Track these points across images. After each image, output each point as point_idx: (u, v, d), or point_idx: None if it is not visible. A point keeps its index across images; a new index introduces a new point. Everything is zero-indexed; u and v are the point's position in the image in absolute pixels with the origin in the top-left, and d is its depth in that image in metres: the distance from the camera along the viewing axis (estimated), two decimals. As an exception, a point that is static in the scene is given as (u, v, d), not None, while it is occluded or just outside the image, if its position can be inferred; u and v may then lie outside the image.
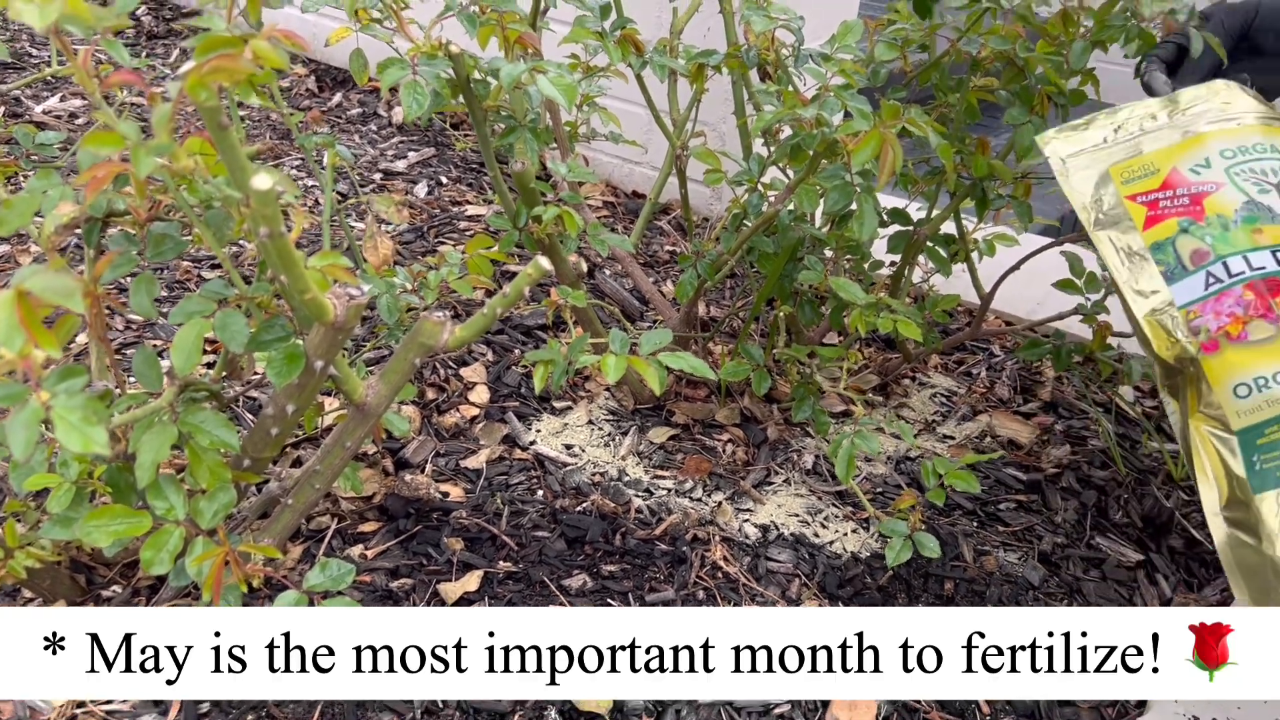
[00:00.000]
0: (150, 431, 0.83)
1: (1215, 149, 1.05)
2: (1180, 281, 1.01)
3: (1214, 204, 1.02)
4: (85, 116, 2.05)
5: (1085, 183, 1.09)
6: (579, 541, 1.14)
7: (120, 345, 1.38)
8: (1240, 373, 0.95)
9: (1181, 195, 1.04)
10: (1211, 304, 0.99)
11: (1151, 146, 1.08)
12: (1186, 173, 1.05)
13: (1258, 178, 1.03)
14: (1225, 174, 1.03)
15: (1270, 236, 0.99)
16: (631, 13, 1.35)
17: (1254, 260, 0.98)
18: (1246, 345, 0.96)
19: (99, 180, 0.70)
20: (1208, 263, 1.00)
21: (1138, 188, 1.06)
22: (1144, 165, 1.07)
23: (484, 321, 0.90)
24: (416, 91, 0.90)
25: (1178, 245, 1.02)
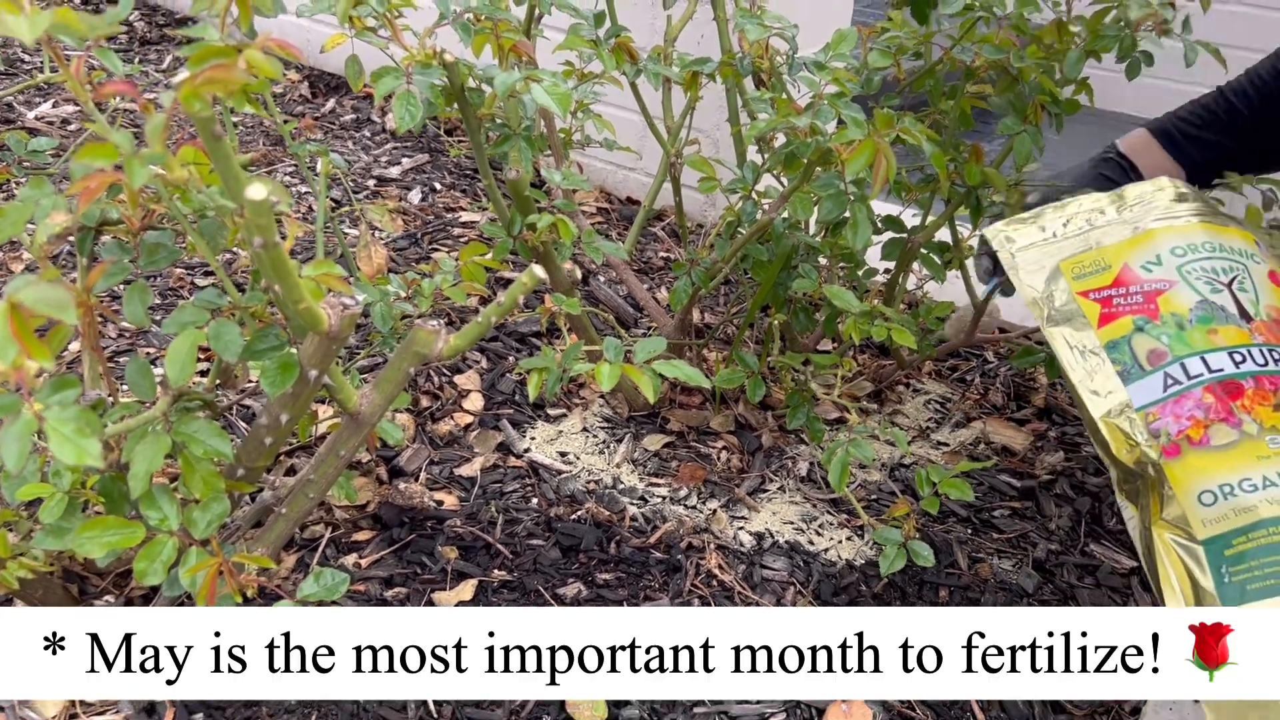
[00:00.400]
0: (144, 441, 0.82)
1: (1165, 246, 1.03)
2: (1137, 382, 0.98)
3: (1168, 302, 1.00)
4: (78, 123, 2.05)
5: (1036, 277, 1.07)
6: (574, 550, 1.14)
7: (114, 353, 1.38)
8: (1205, 479, 0.92)
9: (1135, 293, 1.02)
10: (1171, 406, 0.96)
11: (1101, 241, 1.07)
12: (1139, 269, 1.03)
13: (1209, 276, 1.01)
14: (1177, 272, 1.01)
15: (1226, 337, 0.97)
16: (625, 20, 1.35)
17: (1212, 362, 0.96)
18: (1209, 450, 0.93)
19: (92, 190, 0.70)
20: (1165, 363, 0.98)
21: (1090, 284, 1.04)
22: (1095, 261, 1.05)
23: (478, 330, 0.90)
24: (410, 102, 0.90)
25: (1134, 344, 1.00)
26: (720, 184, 1.20)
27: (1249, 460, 0.91)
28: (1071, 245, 1.08)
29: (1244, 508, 0.89)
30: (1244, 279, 1.01)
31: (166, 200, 0.83)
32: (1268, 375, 0.95)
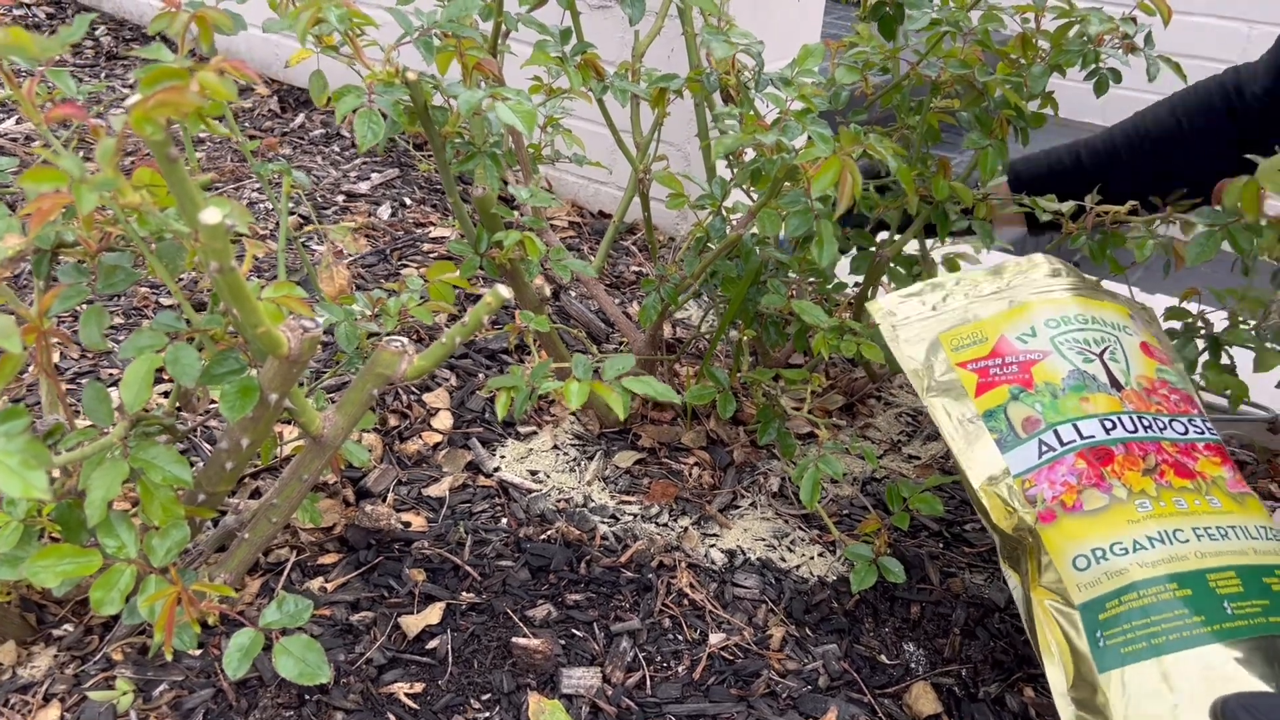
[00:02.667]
0: (101, 468, 0.81)
1: (1040, 318, 1.06)
2: (1014, 450, 0.99)
3: (1042, 372, 1.02)
4: (41, 140, 2.02)
5: (916, 349, 1.09)
6: (543, 570, 1.13)
7: (75, 374, 1.36)
8: (1077, 544, 0.93)
9: (1010, 363, 1.04)
10: (1045, 472, 0.97)
11: (979, 314, 1.09)
12: (1014, 341, 1.05)
13: (1081, 347, 1.03)
14: (1051, 343, 1.04)
15: (1097, 405, 0.99)
16: (593, 36, 1.34)
17: (1084, 429, 0.98)
18: (1082, 515, 0.94)
19: (44, 212, 0.69)
20: (1039, 430, 0.99)
21: (968, 355, 1.06)
22: (973, 333, 1.07)
23: (443, 351, 0.89)
24: (372, 120, 0.89)
25: (1009, 412, 1.01)
26: (689, 200, 1.20)
27: (1119, 524, 0.92)
28: (950, 318, 1.10)
29: (1115, 571, 0.90)
30: (1115, 350, 1.04)
31: (123, 223, 0.81)
32: (1137, 441, 0.97)
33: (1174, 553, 0.90)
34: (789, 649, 1.07)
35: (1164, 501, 0.93)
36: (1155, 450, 0.97)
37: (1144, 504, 0.93)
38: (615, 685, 1.00)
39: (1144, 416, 0.99)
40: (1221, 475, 0.98)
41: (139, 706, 0.92)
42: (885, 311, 1.13)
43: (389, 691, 0.96)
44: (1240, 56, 3.10)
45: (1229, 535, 0.92)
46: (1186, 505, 0.93)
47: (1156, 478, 0.95)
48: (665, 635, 1.07)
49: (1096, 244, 1.23)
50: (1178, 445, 0.99)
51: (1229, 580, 0.89)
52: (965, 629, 1.11)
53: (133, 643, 0.98)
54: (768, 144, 1.00)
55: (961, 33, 1.19)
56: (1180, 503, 0.93)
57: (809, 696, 1.01)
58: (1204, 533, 0.91)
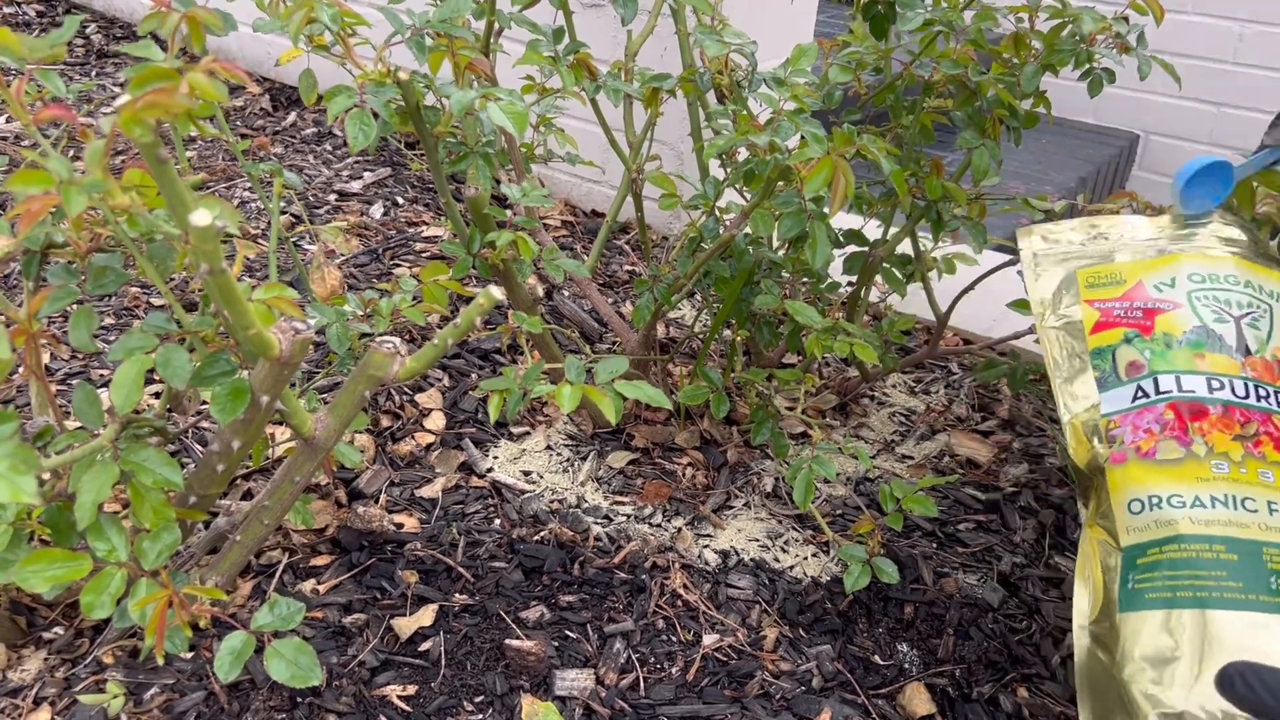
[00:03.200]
0: (91, 471, 0.80)
1: (1185, 271, 1.04)
2: (1111, 390, 1.00)
3: (1165, 322, 1.01)
4: (30, 140, 2.01)
5: (1050, 280, 1.09)
6: (537, 572, 1.13)
7: (66, 375, 1.35)
8: (1138, 488, 0.93)
9: (1137, 308, 1.03)
10: (1133, 417, 0.97)
11: (1124, 257, 1.08)
12: (1150, 288, 1.04)
13: (1219, 306, 1.01)
14: (1186, 296, 1.02)
15: (1212, 364, 0.98)
16: (586, 35, 1.34)
17: (1185, 382, 0.97)
18: (1152, 462, 0.94)
19: (33, 214, 0.68)
20: (1140, 376, 0.99)
21: (1099, 294, 1.06)
22: (1112, 273, 1.07)
23: (434, 353, 0.88)
24: (363, 121, 0.88)
25: (1117, 354, 1.01)
26: (682, 200, 1.20)
27: (1186, 479, 0.92)
28: (1095, 257, 1.09)
29: (1166, 520, 0.91)
30: (1263, 318, 1.01)
31: (112, 224, 0.81)
32: (1243, 408, 0.95)
33: (1235, 518, 0.89)
34: (783, 650, 1.07)
35: (1246, 469, 0.91)
36: (1262, 421, 0.94)
37: (1221, 465, 0.92)
38: (609, 687, 1.00)
39: (1264, 386, 0.96)
40: None
41: (130, 710, 0.91)
42: (1034, 238, 1.12)
43: (382, 694, 0.96)
44: (1232, 56, 3.11)
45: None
46: (1274, 479, 0.91)
47: (1250, 445, 0.93)
48: (659, 636, 1.07)
49: None
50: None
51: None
52: (959, 629, 1.11)
53: (123, 646, 0.97)
54: (761, 144, 1.00)
55: (954, 32, 1.19)
56: (1267, 476, 0.91)
57: (803, 697, 1.01)
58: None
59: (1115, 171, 3.24)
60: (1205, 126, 3.22)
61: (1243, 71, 3.11)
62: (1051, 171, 3.00)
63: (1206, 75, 3.15)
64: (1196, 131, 3.25)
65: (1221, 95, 3.16)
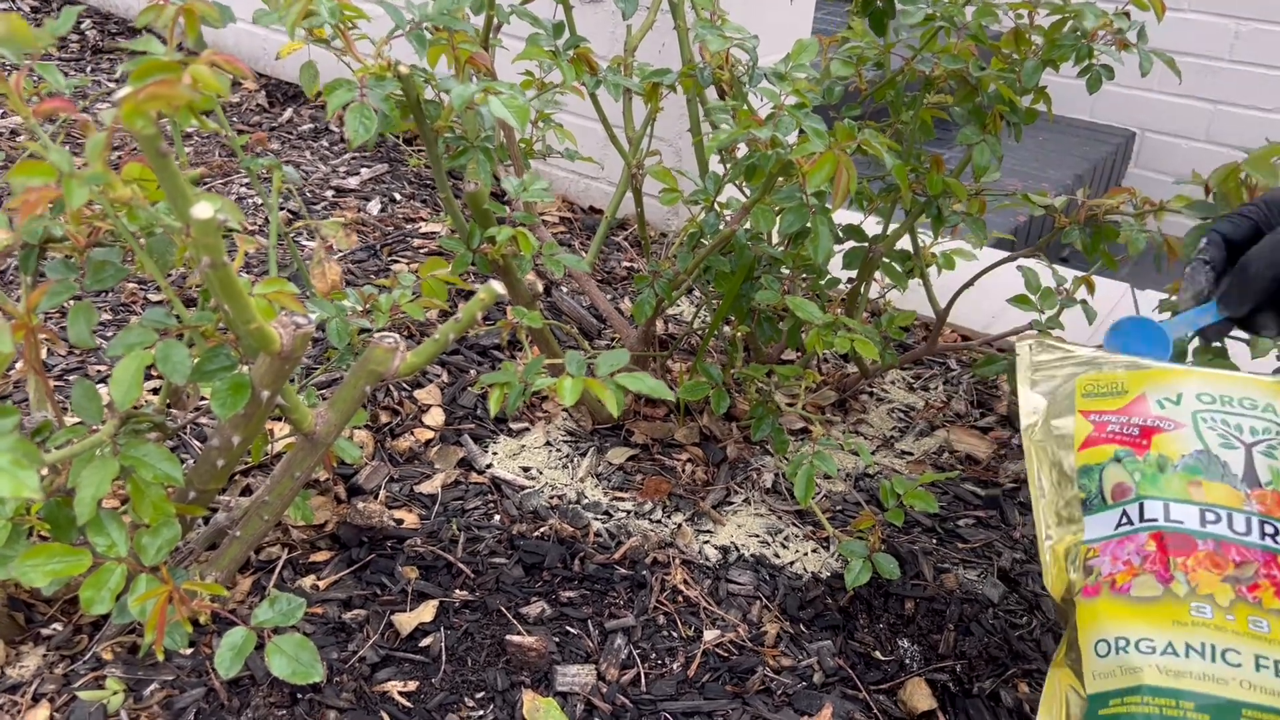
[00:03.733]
0: (90, 466, 0.80)
1: (1193, 389, 0.92)
2: (1095, 515, 0.89)
3: (1162, 442, 0.89)
4: (27, 134, 2.00)
5: (1046, 387, 0.98)
6: (537, 568, 1.12)
7: (64, 370, 1.35)
8: (1107, 627, 0.82)
9: (1134, 424, 0.91)
10: (1114, 545, 0.86)
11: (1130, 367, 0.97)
12: (1152, 403, 0.92)
13: (1226, 430, 0.89)
14: (1191, 416, 0.91)
15: (1209, 494, 0.86)
16: (585, 30, 1.34)
17: (1174, 512, 0.85)
18: (1125, 599, 0.83)
19: (30, 206, 0.68)
20: (1125, 500, 0.88)
21: (1096, 404, 0.94)
22: (1114, 382, 0.95)
23: (435, 348, 0.88)
24: (363, 115, 0.88)
25: (1104, 474, 0.90)
26: (682, 195, 1.19)
27: (1161, 621, 0.81)
28: (1096, 367, 0.98)
29: (1130, 668, 0.80)
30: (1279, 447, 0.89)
31: (112, 218, 0.80)
32: (1241, 545, 0.83)
33: (1211, 671, 0.77)
34: (784, 645, 1.07)
35: (1233, 615, 0.79)
36: (1264, 562, 0.82)
37: (1203, 609, 0.80)
38: (610, 683, 1.00)
39: (1270, 522, 0.84)
40: None
41: (129, 706, 0.91)
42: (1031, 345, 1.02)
43: (382, 690, 0.96)
44: (1228, 53, 3.11)
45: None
46: (1269, 630, 0.78)
47: (1243, 588, 0.81)
48: (660, 632, 1.07)
49: (1089, 238, 1.23)
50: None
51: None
52: (959, 625, 1.11)
53: (122, 642, 0.97)
54: (762, 139, 0.99)
55: (955, 28, 1.19)
56: (1260, 625, 0.79)
57: (804, 693, 1.01)
58: (1271, 665, 0.77)
59: (1112, 169, 3.25)
60: (1201, 124, 3.23)
61: (1239, 69, 3.11)
62: (1048, 168, 3.00)
63: (1202, 73, 3.15)
64: (1193, 129, 3.25)
65: (1217, 93, 3.17)
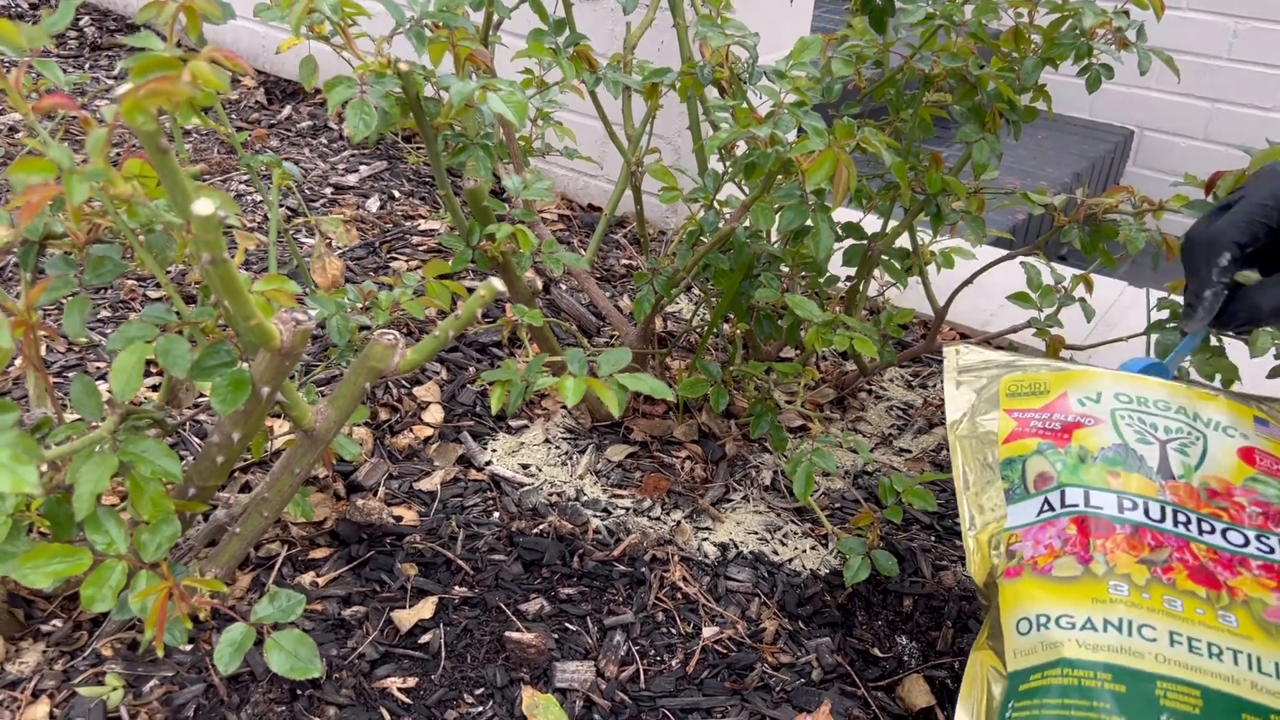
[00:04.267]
0: (89, 462, 0.80)
1: (1112, 389, 0.98)
2: (1018, 504, 0.93)
3: (1083, 436, 0.94)
4: (25, 130, 2.00)
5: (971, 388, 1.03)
6: (536, 564, 1.13)
7: (62, 367, 1.34)
8: (1029, 606, 0.85)
9: (1055, 420, 0.96)
10: (1035, 531, 0.90)
11: (1051, 369, 1.02)
12: (1073, 401, 0.97)
13: (1143, 429, 0.94)
14: (1110, 414, 0.96)
15: (1126, 483, 0.90)
16: (584, 27, 1.34)
17: (1094, 498, 0.89)
18: (1046, 579, 0.86)
19: (33, 204, 0.68)
20: (1047, 488, 0.92)
21: (1020, 404, 0.99)
22: (1036, 383, 1.00)
23: (435, 344, 0.88)
24: (364, 111, 0.88)
25: (1027, 465, 0.94)
26: (681, 193, 1.19)
27: (1081, 599, 0.84)
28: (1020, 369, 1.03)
29: (1051, 642, 0.82)
30: (1193, 445, 0.94)
31: (112, 214, 0.80)
32: (1156, 531, 0.87)
33: (1128, 645, 0.80)
34: (782, 642, 1.07)
35: (1149, 594, 0.83)
36: (1177, 547, 0.86)
37: (1120, 587, 0.83)
38: (609, 679, 1.00)
39: (1182, 511, 0.89)
40: (1264, 599, 0.84)
41: (129, 702, 0.91)
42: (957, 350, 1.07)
43: (382, 686, 0.96)
44: (1226, 51, 3.12)
45: (1223, 656, 0.79)
46: (1181, 609, 0.82)
47: (1157, 570, 0.85)
48: (659, 629, 1.07)
49: (1088, 236, 1.23)
50: (1217, 553, 0.86)
51: (1187, 697, 0.77)
52: (958, 622, 1.12)
53: (122, 638, 0.97)
54: (762, 137, 0.99)
55: (955, 26, 1.19)
56: (1173, 604, 0.82)
57: (802, 689, 1.01)
58: (1185, 641, 0.80)
59: (1110, 167, 3.25)
60: (1199, 122, 3.23)
61: (1237, 67, 3.12)
62: (1046, 167, 3.01)
63: (1200, 71, 3.16)
64: (1191, 127, 3.26)
65: (1215, 91, 3.17)
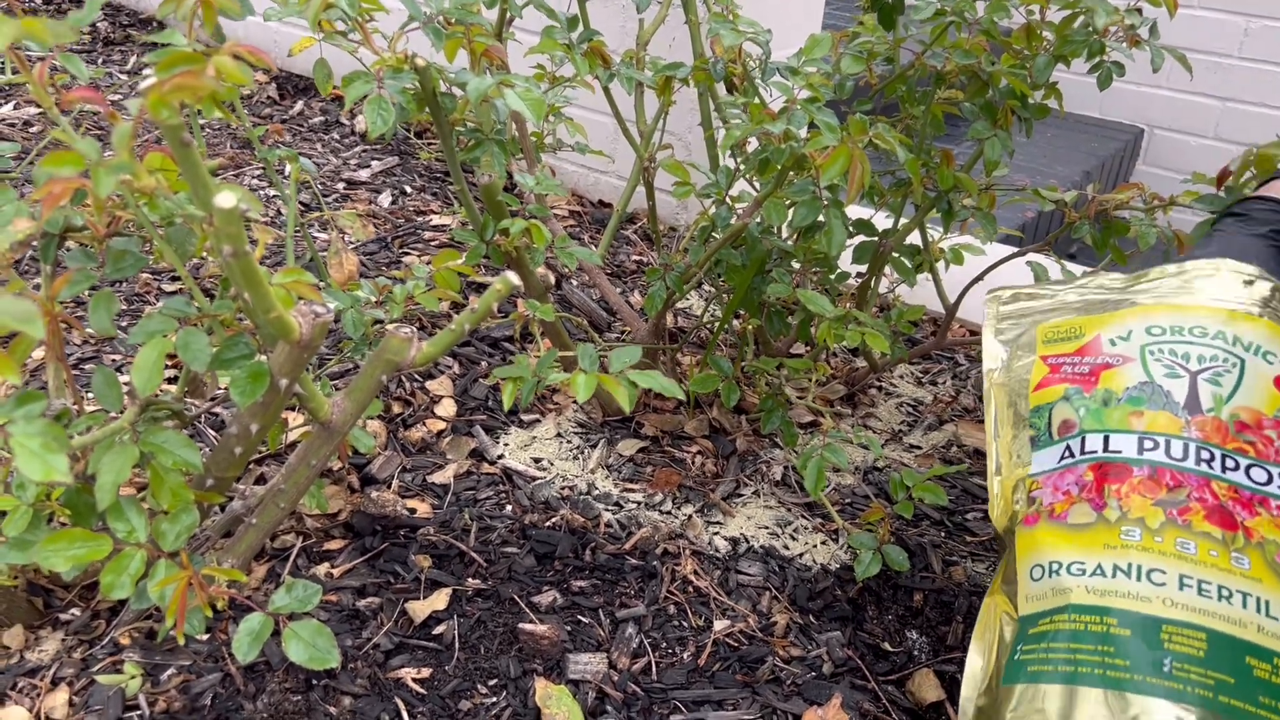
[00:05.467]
0: (110, 452, 0.81)
1: (1142, 324, 0.96)
2: (1043, 449, 0.93)
3: (1110, 377, 0.93)
4: (41, 125, 2.02)
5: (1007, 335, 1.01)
6: (549, 557, 1.13)
7: (79, 360, 1.36)
8: (1043, 553, 0.86)
9: (1085, 363, 0.95)
10: (1055, 478, 0.90)
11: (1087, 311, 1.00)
12: (1105, 342, 0.96)
13: (1173, 360, 0.92)
14: (1139, 350, 0.94)
15: (1149, 423, 0.89)
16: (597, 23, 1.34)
17: (1113, 442, 0.89)
18: (1062, 526, 0.87)
19: (55, 196, 0.69)
20: (1070, 435, 0.91)
21: (1055, 349, 0.98)
22: (1071, 328, 0.99)
23: (451, 338, 0.89)
24: (381, 107, 0.89)
25: (1054, 412, 0.94)
26: (695, 188, 1.20)
27: (1093, 545, 0.85)
28: (1058, 312, 1.02)
29: (1061, 589, 0.84)
30: (1226, 373, 0.91)
31: (133, 207, 0.81)
32: (1175, 470, 0.86)
33: (1136, 590, 0.81)
34: (793, 636, 1.08)
35: (1162, 537, 0.83)
36: (1197, 486, 0.86)
37: (1133, 532, 0.84)
38: (621, 671, 1.01)
39: (1207, 448, 0.87)
40: (1278, 541, 0.84)
41: (147, 690, 0.92)
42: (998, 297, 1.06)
43: (396, 676, 0.97)
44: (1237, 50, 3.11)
45: (1232, 599, 0.80)
46: (1195, 551, 0.82)
47: (1173, 511, 0.84)
48: (670, 622, 1.08)
49: (1099, 232, 1.24)
50: (1238, 491, 0.85)
51: (1192, 640, 0.78)
52: (968, 616, 1.12)
53: (140, 627, 0.98)
54: (775, 133, 1.00)
55: (967, 23, 1.19)
56: (1186, 546, 0.83)
57: (813, 683, 1.02)
58: (1194, 584, 0.81)
59: (1120, 165, 3.25)
60: (1210, 121, 3.23)
61: (1248, 66, 3.11)
62: (1056, 165, 3.00)
63: (1211, 70, 3.15)
64: (1201, 126, 3.25)
65: (1226, 90, 3.16)
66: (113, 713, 0.90)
